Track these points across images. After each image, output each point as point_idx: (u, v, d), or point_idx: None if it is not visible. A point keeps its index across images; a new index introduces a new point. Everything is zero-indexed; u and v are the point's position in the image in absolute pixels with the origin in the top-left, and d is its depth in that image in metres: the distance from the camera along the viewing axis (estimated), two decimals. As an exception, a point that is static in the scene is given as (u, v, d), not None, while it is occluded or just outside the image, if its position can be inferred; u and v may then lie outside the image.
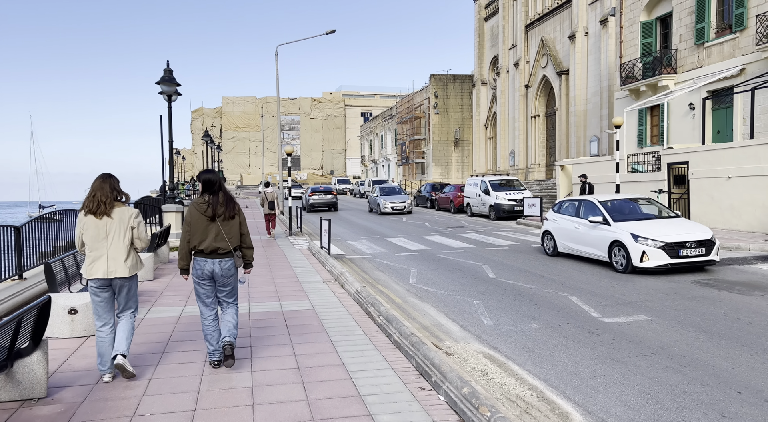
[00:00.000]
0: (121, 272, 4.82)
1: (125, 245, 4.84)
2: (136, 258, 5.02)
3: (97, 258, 4.76)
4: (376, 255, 14.02)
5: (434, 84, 49.22)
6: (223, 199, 5.09)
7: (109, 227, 4.79)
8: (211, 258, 5.04)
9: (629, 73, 22.64)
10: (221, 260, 5.07)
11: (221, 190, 5.12)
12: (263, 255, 13.24)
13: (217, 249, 5.03)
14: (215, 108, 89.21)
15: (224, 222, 5.06)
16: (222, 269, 5.09)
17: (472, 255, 13.42)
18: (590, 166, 22.07)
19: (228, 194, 5.20)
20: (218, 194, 5.07)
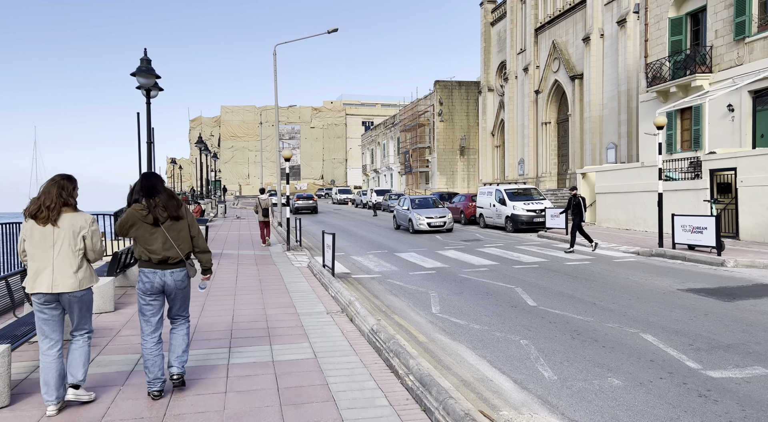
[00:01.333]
0: (69, 285, 4.26)
1: (75, 255, 4.31)
2: (89, 270, 4.43)
3: (41, 270, 4.24)
4: (387, 274, 12.14)
5: (439, 91, 47.60)
6: (163, 200, 4.56)
7: (57, 234, 4.27)
8: (161, 269, 4.54)
9: (656, 74, 20.90)
10: (173, 270, 4.60)
11: (162, 192, 4.60)
12: (255, 275, 11.34)
13: (167, 259, 4.54)
14: (214, 117, 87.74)
15: (170, 226, 4.55)
16: (175, 281, 4.62)
17: (499, 275, 11.54)
18: (615, 174, 20.24)
19: (169, 192, 4.69)
20: (157, 197, 4.55)
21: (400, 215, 23.05)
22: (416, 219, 21.16)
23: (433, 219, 21.13)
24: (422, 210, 21.65)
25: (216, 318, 7.52)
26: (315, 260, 14.18)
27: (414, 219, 21.24)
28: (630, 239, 16.69)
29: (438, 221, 21.15)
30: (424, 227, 21.05)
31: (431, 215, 21.26)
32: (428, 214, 21.31)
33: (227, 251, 15.74)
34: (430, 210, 21.82)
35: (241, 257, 14.45)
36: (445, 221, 21.26)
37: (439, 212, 21.76)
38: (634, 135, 28.46)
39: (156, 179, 4.75)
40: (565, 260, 13.45)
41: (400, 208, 23.21)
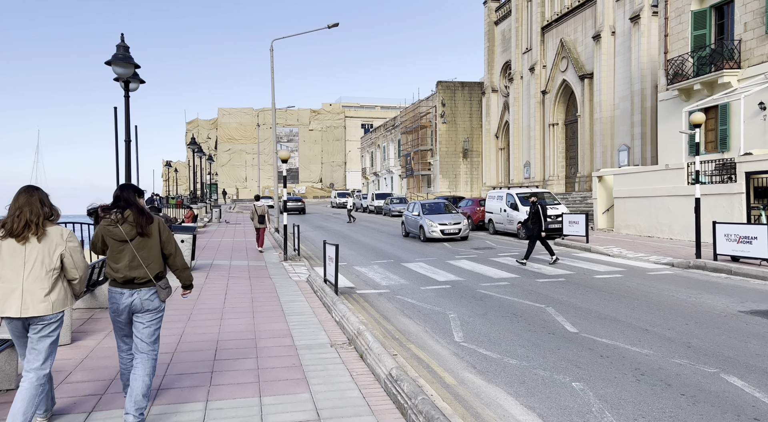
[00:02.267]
0: (41, 309, 3.79)
1: (49, 274, 3.83)
2: (65, 292, 3.95)
3: (10, 292, 3.76)
4: (396, 289, 10.80)
5: (441, 91, 46.34)
6: (134, 215, 4.16)
7: (29, 252, 3.80)
8: (128, 289, 4.17)
9: (678, 71, 19.62)
10: (141, 290, 4.19)
11: (134, 206, 4.19)
12: (247, 292, 9.98)
13: (133, 279, 4.15)
14: (211, 119, 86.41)
15: (139, 244, 4.16)
16: (142, 302, 4.19)
17: (523, 291, 10.20)
18: (636, 177, 18.93)
19: (139, 207, 4.24)
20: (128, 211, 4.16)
21: (409, 221, 21.12)
22: (428, 226, 19.16)
23: (447, 226, 19.13)
24: (434, 216, 19.59)
25: (195, 352, 6.16)
26: (315, 272, 12.84)
27: (426, 226, 19.27)
28: (657, 247, 15.36)
29: (452, 228, 19.11)
30: (437, 234, 18.99)
31: (445, 222, 19.30)
32: (441, 220, 19.35)
33: (218, 262, 14.38)
34: (444, 216, 19.78)
35: (234, 269, 13.09)
36: (460, 228, 19.29)
37: (453, 218, 19.72)
38: (649, 137, 27.20)
39: (130, 191, 4.31)
40: (593, 272, 12.10)
41: (410, 214, 21.16)
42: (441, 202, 21.81)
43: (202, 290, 10.05)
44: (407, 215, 21.53)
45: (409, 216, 21.26)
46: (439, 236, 19.03)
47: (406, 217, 21.53)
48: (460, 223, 19.41)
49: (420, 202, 21.27)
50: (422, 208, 20.44)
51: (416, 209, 20.74)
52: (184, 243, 11.77)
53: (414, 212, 20.76)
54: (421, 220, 19.79)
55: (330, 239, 21.64)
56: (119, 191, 4.31)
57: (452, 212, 20.78)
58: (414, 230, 20.64)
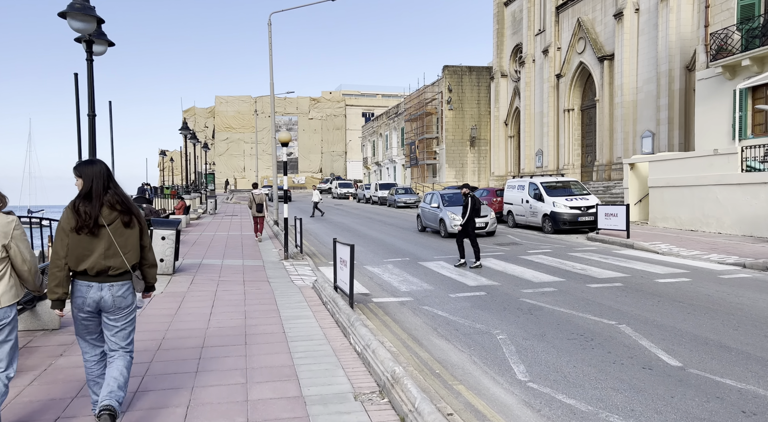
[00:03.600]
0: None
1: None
2: (12, 282, 3.59)
3: None
4: (420, 296, 8.93)
5: (447, 77, 44.21)
6: (115, 199, 3.69)
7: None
8: (98, 282, 3.66)
9: (722, 46, 17.62)
10: (113, 284, 3.71)
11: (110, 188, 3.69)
12: (240, 304, 8.06)
13: (108, 269, 3.67)
14: (208, 108, 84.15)
15: (117, 231, 3.68)
16: (114, 298, 3.71)
17: (577, 300, 8.31)
18: (676, 164, 17.00)
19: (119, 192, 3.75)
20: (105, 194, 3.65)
21: (427, 214, 18.77)
22: (450, 220, 16.64)
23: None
24: (457, 208, 16.88)
25: (156, 412, 4.27)
26: (321, 273, 10.94)
27: (447, 219, 16.90)
28: (711, 244, 13.47)
29: (479, 222, 16.54)
30: (460, 229, 16.75)
31: None
32: None
33: (209, 261, 12.47)
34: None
35: (226, 271, 11.18)
36: (487, 222, 16.90)
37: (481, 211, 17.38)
38: (677, 121, 25.23)
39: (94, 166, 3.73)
40: (651, 275, 10.21)
41: (427, 206, 18.77)
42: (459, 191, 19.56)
43: (184, 301, 8.13)
44: (424, 207, 19.18)
45: (426, 209, 18.90)
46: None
47: (423, 210, 19.18)
48: (487, 216, 16.94)
49: (439, 192, 18.75)
50: (442, 199, 17.92)
51: (435, 200, 18.27)
52: (166, 241, 9.86)
53: (432, 204, 18.32)
54: (441, 213, 17.41)
55: (334, 232, 19.74)
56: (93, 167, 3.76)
57: None
58: (433, 224, 18.33)
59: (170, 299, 8.08)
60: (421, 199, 35.80)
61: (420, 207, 19.62)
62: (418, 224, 19.76)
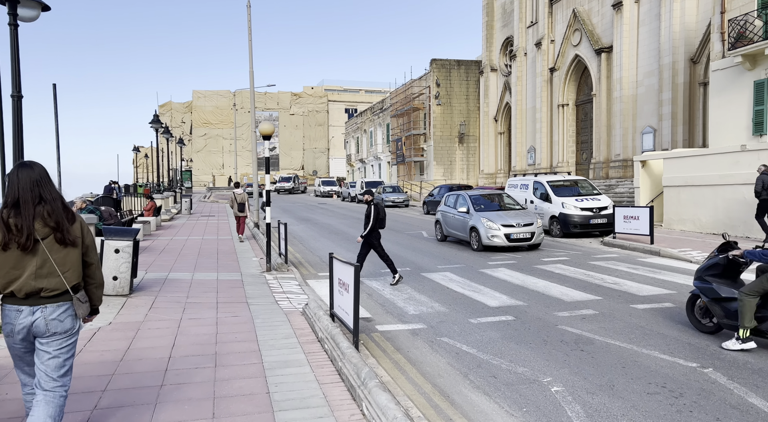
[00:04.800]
0: None
1: None
2: None
3: None
4: (434, 322, 7.30)
5: (435, 71, 42.63)
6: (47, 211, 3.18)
7: None
8: (28, 305, 3.16)
9: (742, 33, 16.30)
10: (46, 307, 3.18)
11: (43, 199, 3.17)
12: (209, 341, 6.30)
13: (40, 291, 3.16)
14: (185, 103, 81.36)
15: (53, 246, 3.17)
16: (47, 321, 3.18)
17: (631, 329, 6.74)
18: (695, 161, 15.62)
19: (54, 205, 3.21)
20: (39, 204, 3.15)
21: (450, 221, 15.18)
22: (486, 229, 13.29)
23: (514, 228, 13.25)
24: (492, 213, 13.82)
25: None
26: (311, 290, 9.24)
27: (482, 228, 13.37)
28: (745, 250, 12.06)
29: (522, 231, 13.23)
30: (499, 240, 13.16)
31: (510, 222, 13.34)
32: (506, 220, 13.40)
33: (176, 275, 10.64)
34: (505, 213, 13.86)
35: (196, 288, 9.38)
36: (533, 232, 13.36)
37: (520, 216, 13.70)
38: (681, 116, 24.01)
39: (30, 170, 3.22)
40: (701, 291, 8.69)
41: (451, 210, 15.16)
42: (493, 193, 15.90)
43: (136, 338, 6.33)
44: (446, 212, 15.52)
45: (449, 214, 15.26)
46: (502, 243, 13.19)
47: (445, 215, 15.58)
48: (533, 224, 13.44)
49: (467, 194, 15.05)
50: (473, 203, 14.46)
51: (462, 204, 14.73)
52: (120, 254, 8.03)
53: (459, 209, 14.65)
54: (472, 219, 13.86)
55: (320, 235, 17.99)
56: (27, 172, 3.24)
57: (515, 207, 14.75)
58: (459, 233, 14.72)
59: (119, 336, 6.28)
60: (409, 198, 34.20)
61: (440, 212, 16.00)
62: (437, 232, 16.20)
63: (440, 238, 15.93)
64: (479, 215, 13.86)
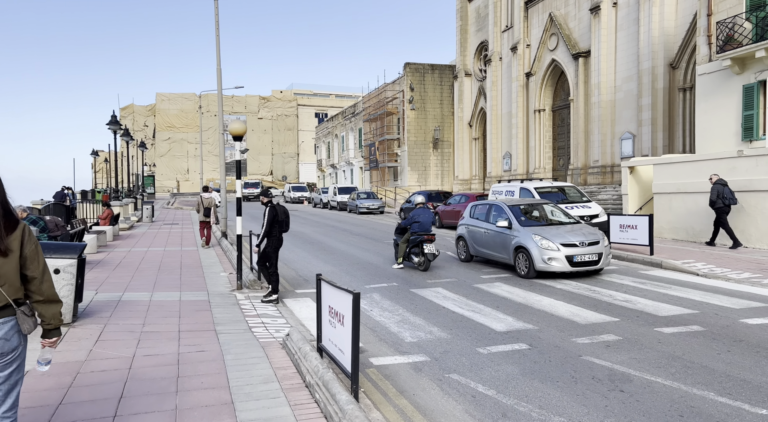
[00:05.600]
0: None
1: None
2: None
3: None
4: (437, 352, 6.28)
5: (409, 74, 41.84)
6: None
7: None
8: None
9: (730, 36, 15.88)
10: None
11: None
12: (170, 386, 5.08)
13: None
14: (148, 105, 78.52)
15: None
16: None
17: (668, 360, 5.83)
18: (687, 167, 15.08)
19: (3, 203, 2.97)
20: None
21: (483, 238, 12.07)
22: (541, 250, 10.26)
23: (578, 248, 10.25)
24: (543, 229, 10.82)
25: None
26: (290, 313, 8.06)
27: (535, 249, 10.31)
28: (755, 262, 11.44)
29: (588, 253, 10.25)
30: (559, 265, 10.18)
31: (571, 240, 10.32)
32: (565, 238, 10.37)
33: (132, 295, 9.28)
34: (559, 229, 10.85)
35: (155, 313, 8.08)
36: (600, 253, 10.37)
37: (582, 232, 10.65)
38: (661, 122, 23.69)
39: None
40: (728, 311, 7.88)
41: (484, 225, 12.03)
42: (534, 201, 13.03)
43: (75, 382, 5.04)
44: (474, 226, 12.41)
45: (479, 229, 12.20)
46: (563, 268, 10.16)
47: (472, 231, 12.45)
48: (599, 243, 10.46)
49: (504, 203, 11.95)
50: (515, 214, 11.35)
51: (500, 216, 11.58)
52: (61, 275, 6.71)
53: (499, 223, 11.30)
54: (519, 237, 10.74)
55: (293, 245, 16.75)
56: None
57: (565, 220, 11.61)
58: (496, 253, 11.66)
59: (50, 384, 4.99)
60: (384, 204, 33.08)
61: (464, 227, 12.90)
62: (460, 251, 13.04)
63: (465, 258, 12.92)
64: (528, 231, 10.74)
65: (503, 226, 11.24)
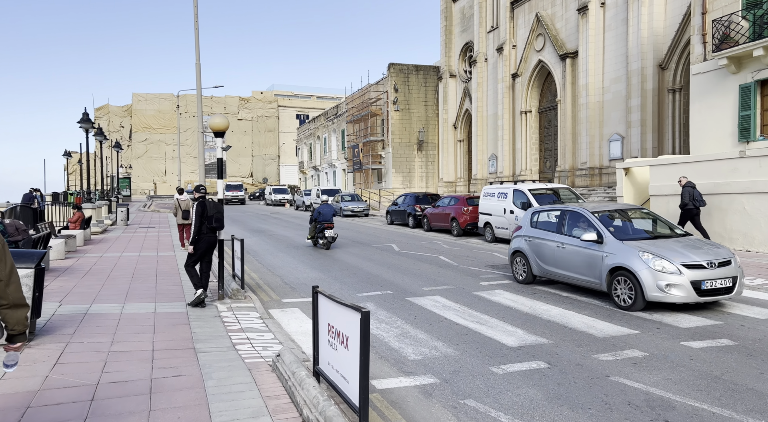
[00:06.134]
0: None
1: None
2: None
3: None
4: (445, 372, 5.57)
5: (393, 75, 41.22)
6: None
7: None
8: None
9: (726, 35, 15.54)
10: None
11: None
12: (140, 419, 4.27)
13: None
14: (124, 106, 76.54)
15: None
16: None
17: (708, 381, 5.23)
18: (687, 168, 14.66)
19: None
20: None
21: (556, 254, 9.44)
22: (654, 272, 7.72)
23: (706, 270, 7.70)
24: (652, 244, 8.23)
25: None
26: (276, 326, 7.28)
27: (644, 272, 7.78)
28: (765, 266, 10.99)
29: (718, 277, 7.72)
30: (681, 293, 7.58)
31: (695, 260, 7.76)
32: (685, 257, 7.80)
33: (101, 307, 8.39)
34: (669, 244, 8.28)
35: (126, 328, 7.23)
36: (735, 277, 7.87)
37: (703, 249, 8.16)
38: (650, 124, 23.42)
39: None
40: (752, 322, 7.33)
41: (557, 237, 9.47)
42: (623, 206, 10.09)
43: (26, 416, 4.20)
44: (539, 239, 9.84)
45: (547, 243, 9.61)
46: (686, 297, 7.61)
47: (537, 245, 9.87)
48: (730, 263, 7.96)
49: (586, 210, 9.14)
50: (604, 223, 8.78)
51: (584, 225, 9.03)
52: (15, 288, 5.78)
53: (584, 236, 8.66)
54: (619, 254, 8.15)
55: (277, 249, 15.91)
56: None
57: (679, 232, 9.00)
58: (579, 275, 8.92)
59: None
60: (368, 207, 32.32)
61: (524, 239, 10.18)
62: (518, 271, 10.32)
63: (525, 278, 10.12)
64: (629, 246, 8.12)
65: (590, 240, 8.52)
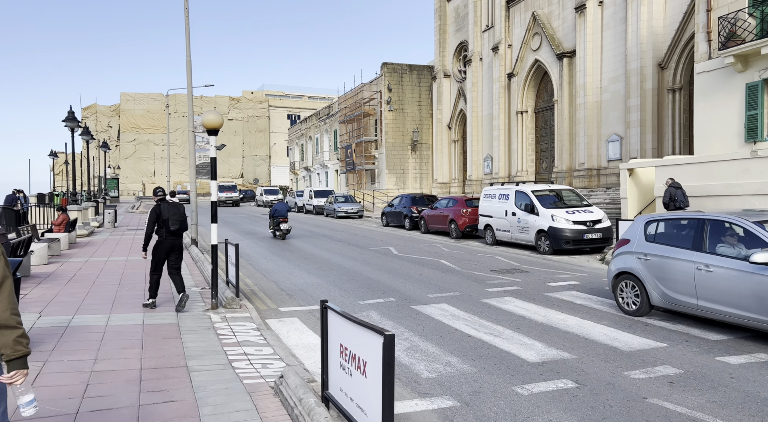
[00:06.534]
0: None
1: None
2: None
3: None
4: (464, 393, 5.06)
5: (387, 75, 40.70)
6: None
7: None
8: None
9: (732, 32, 15.19)
10: None
11: None
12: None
13: None
14: (112, 105, 75.42)
15: None
16: None
17: (762, 405, 4.73)
18: (694, 169, 14.28)
19: None
20: None
21: (690, 278, 6.87)
22: None
23: None
24: None
25: None
26: (275, 339, 6.72)
27: None
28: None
29: None
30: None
31: None
32: None
33: (84, 318, 7.78)
34: None
35: (111, 343, 6.64)
36: None
37: None
38: (650, 124, 23.09)
39: None
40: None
41: (705, 258, 6.73)
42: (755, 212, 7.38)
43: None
44: (673, 259, 7.15)
45: (690, 263, 6.89)
46: None
47: (663, 267, 7.29)
48: None
49: (737, 218, 6.68)
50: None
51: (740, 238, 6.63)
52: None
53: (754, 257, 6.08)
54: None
55: (271, 252, 15.32)
56: None
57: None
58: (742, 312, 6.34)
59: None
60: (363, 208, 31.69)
61: (638, 256, 7.75)
62: (625, 296, 7.93)
63: (636, 309, 7.73)
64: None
65: (763, 263, 6.06)
